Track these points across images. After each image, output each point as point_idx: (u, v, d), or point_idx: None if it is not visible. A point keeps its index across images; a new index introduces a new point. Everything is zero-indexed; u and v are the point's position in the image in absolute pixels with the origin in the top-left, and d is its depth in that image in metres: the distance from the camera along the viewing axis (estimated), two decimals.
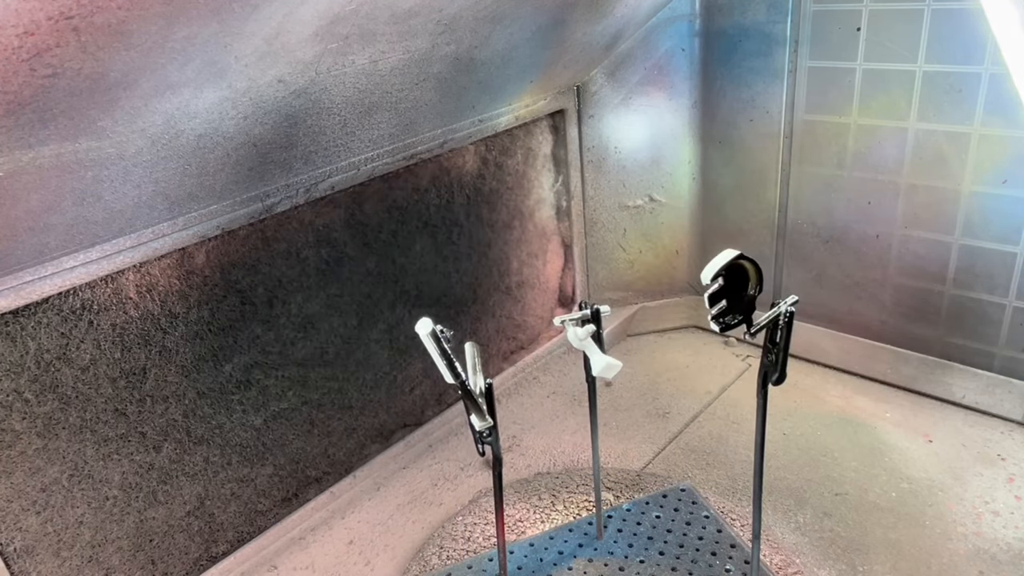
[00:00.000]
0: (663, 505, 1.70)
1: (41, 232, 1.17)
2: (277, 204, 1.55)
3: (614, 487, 1.79)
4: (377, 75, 1.43)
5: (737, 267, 1.21)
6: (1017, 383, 1.90)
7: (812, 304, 2.21)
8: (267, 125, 1.33)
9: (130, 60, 0.95)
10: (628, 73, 2.22)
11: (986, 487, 1.73)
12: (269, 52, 1.14)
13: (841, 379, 2.18)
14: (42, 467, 1.32)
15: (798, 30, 1.97)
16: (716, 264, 1.18)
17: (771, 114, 2.09)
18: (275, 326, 1.64)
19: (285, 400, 1.69)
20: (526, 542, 1.64)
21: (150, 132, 1.14)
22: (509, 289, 2.22)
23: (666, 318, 2.51)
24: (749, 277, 1.22)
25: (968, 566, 1.53)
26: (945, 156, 1.83)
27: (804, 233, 2.16)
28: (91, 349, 1.35)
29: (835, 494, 1.75)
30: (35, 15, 0.79)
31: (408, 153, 1.77)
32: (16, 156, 0.99)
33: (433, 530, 1.73)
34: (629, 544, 1.60)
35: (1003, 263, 1.83)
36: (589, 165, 2.31)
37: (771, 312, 1.20)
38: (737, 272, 1.22)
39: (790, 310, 1.19)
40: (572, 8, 1.69)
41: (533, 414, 2.14)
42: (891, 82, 1.85)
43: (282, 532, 1.72)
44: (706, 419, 2.04)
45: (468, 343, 1.25)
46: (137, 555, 1.50)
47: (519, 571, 1.57)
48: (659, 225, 2.41)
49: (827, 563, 1.56)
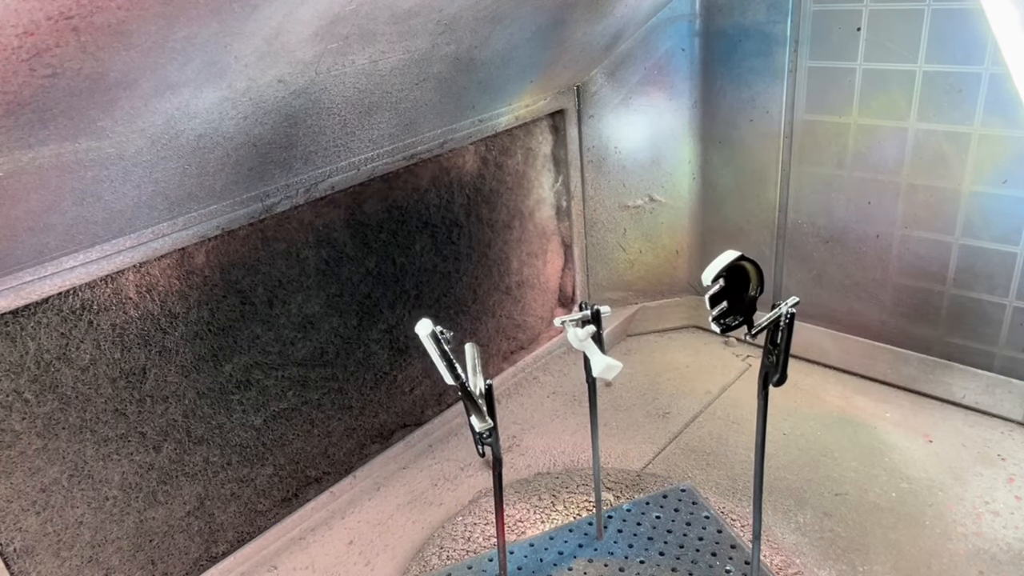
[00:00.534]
0: (663, 505, 1.70)
1: (41, 232, 1.17)
2: (277, 204, 1.55)
3: (614, 487, 1.79)
4: (377, 75, 1.43)
5: (738, 268, 1.20)
6: (1017, 383, 1.89)
7: (812, 304, 2.21)
8: (267, 125, 1.33)
9: (130, 60, 0.95)
10: (628, 73, 2.22)
11: (986, 487, 1.73)
12: (269, 52, 1.14)
13: (841, 379, 2.18)
14: (42, 467, 1.32)
15: (798, 30, 1.97)
16: (717, 265, 1.18)
17: (771, 114, 2.09)
18: (275, 326, 1.63)
19: (285, 400, 1.69)
20: (526, 542, 1.64)
21: (150, 132, 1.13)
22: (509, 289, 2.22)
23: (666, 318, 2.51)
24: (750, 278, 1.22)
25: (968, 566, 1.53)
26: (945, 156, 1.83)
27: (804, 233, 2.16)
28: (91, 349, 1.35)
29: (835, 494, 1.75)
30: (35, 15, 0.79)
31: (408, 153, 1.77)
32: (16, 156, 0.99)
33: (433, 530, 1.73)
34: (629, 544, 1.60)
35: (1003, 263, 1.83)
36: (589, 165, 2.31)
37: (772, 313, 1.20)
38: (738, 273, 1.22)
39: (791, 311, 1.19)
40: (572, 8, 1.69)
41: (533, 414, 2.14)
42: (891, 82, 1.85)
43: (282, 532, 1.72)
44: (706, 419, 2.04)
45: (468, 344, 1.25)
46: (137, 555, 1.50)
47: (519, 571, 1.57)
48: (659, 225, 2.41)
49: (827, 563, 1.56)
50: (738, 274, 1.22)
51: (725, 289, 1.21)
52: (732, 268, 1.19)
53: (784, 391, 2.13)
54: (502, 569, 1.40)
